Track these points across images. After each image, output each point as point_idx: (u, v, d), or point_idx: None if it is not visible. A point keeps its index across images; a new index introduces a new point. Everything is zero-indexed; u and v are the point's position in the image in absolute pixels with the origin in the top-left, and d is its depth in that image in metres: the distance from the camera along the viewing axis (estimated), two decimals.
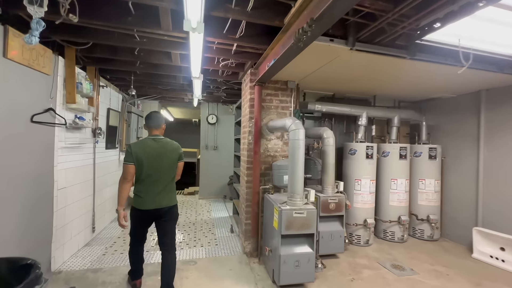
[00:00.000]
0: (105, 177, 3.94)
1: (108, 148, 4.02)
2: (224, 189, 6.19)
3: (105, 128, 3.84)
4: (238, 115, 4.68)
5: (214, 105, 6.15)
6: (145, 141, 2.13)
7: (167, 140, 2.21)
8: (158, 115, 2.28)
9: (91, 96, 3.11)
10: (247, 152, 3.09)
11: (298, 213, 2.29)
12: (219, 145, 6.17)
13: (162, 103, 5.96)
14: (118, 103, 4.39)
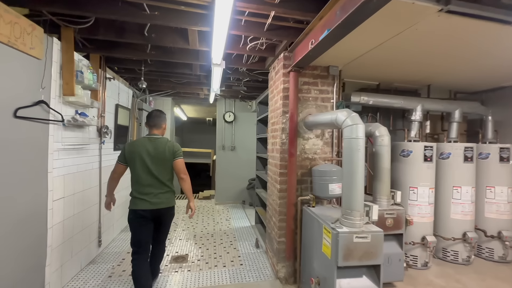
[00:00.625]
0: None
1: (117, 150, 3.56)
2: (242, 193, 5.65)
3: (113, 126, 3.38)
4: (261, 111, 4.12)
5: (231, 101, 5.63)
6: (140, 141, 2.12)
7: (162, 139, 2.15)
8: (160, 114, 2.24)
9: (94, 89, 2.64)
10: (280, 154, 2.52)
11: (360, 238, 1.70)
12: (237, 145, 5.64)
13: (175, 100, 5.50)
14: (127, 100, 3.93)
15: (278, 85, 2.65)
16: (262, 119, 4.09)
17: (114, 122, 3.43)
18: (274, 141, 2.78)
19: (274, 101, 2.83)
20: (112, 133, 3.37)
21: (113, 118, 3.41)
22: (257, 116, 4.20)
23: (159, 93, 4.74)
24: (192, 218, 3.19)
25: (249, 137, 5.68)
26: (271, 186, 2.86)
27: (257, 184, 4.19)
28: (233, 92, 4.81)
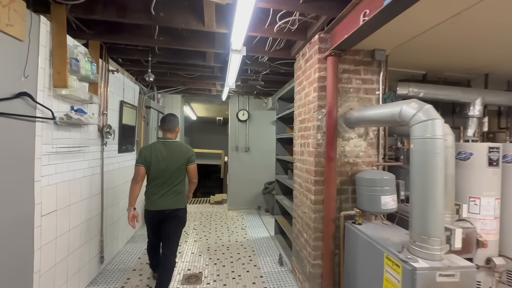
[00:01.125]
0: (119, 188, 3.11)
1: (122, 152, 3.18)
2: (258, 198, 5.21)
3: (117, 126, 3.00)
4: (281, 108, 3.68)
5: (245, 99, 5.20)
6: (154, 144, 2.17)
7: (176, 143, 2.20)
8: (173, 119, 2.26)
9: (93, 81, 2.26)
10: (314, 158, 2.06)
11: (445, 276, 1.23)
12: (252, 146, 5.21)
13: (185, 97, 5.12)
14: (134, 96, 3.56)
15: (310, 74, 2.20)
16: (282, 117, 3.64)
17: (118, 121, 3.05)
18: (304, 141, 2.33)
19: (304, 94, 2.37)
20: (116, 133, 2.99)
21: (117, 116, 3.03)
22: (277, 113, 3.75)
23: (168, 90, 4.35)
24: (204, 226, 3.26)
25: (265, 137, 5.24)
26: (300, 195, 2.41)
27: (277, 190, 3.75)
28: (248, 88, 4.38)
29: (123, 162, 3.27)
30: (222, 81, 3.81)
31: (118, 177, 3.10)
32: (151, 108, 3.93)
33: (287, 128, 3.73)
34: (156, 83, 4.06)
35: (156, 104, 4.16)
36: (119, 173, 3.13)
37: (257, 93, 4.80)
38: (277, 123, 3.76)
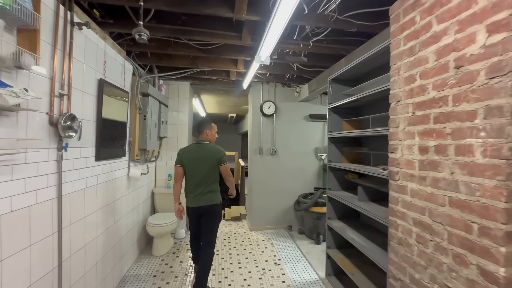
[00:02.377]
0: (101, 213, 2.01)
1: (104, 159, 2.08)
2: (288, 215, 4.07)
3: (92, 118, 1.90)
4: (336, 95, 2.53)
5: (271, 87, 4.06)
6: (190, 147, 2.39)
7: (208, 145, 2.34)
8: (202, 121, 2.42)
9: (26, 25, 1.15)
10: (506, 181, 0.91)
11: None
12: (279, 148, 4.06)
13: (194, 86, 4.01)
14: (122, 76, 2.46)
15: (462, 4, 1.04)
16: (338, 107, 2.50)
17: (95, 111, 1.95)
18: (438, 143, 1.16)
19: (433, 50, 1.21)
20: (92, 130, 1.89)
21: (94, 104, 1.93)
22: (329, 101, 2.59)
23: (172, 74, 3.24)
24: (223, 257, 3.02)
25: (296, 136, 4.10)
26: (426, 248, 1.23)
27: (329, 212, 2.59)
28: (280, 69, 3.23)
29: (108, 173, 2.17)
30: (249, 55, 2.67)
31: (98, 199, 2.00)
32: (149, 96, 2.82)
33: (344, 122, 2.57)
34: (156, 61, 2.95)
35: (156, 92, 3.06)
36: (100, 192, 2.03)
37: (289, 77, 3.65)
38: (329, 116, 2.61)
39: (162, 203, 3.48)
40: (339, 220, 2.57)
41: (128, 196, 2.66)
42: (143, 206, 3.17)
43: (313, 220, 3.52)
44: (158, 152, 3.58)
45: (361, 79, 2.50)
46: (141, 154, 2.87)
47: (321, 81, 3.18)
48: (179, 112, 3.76)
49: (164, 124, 3.39)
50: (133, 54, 2.76)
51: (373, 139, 2.46)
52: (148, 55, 2.85)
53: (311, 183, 4.12)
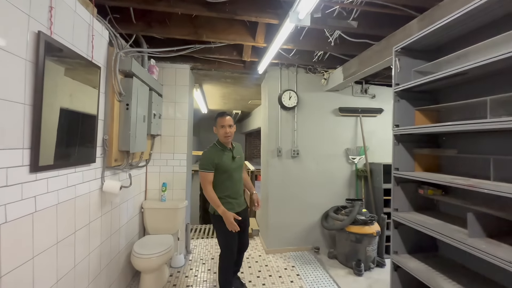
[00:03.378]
0: (46, 256, 1.17)
1: (50, 168, 1.26)
2: (312, 233, 3.25)
3: (23, 99, 1.07)
4: (405, 74, 1.72)
5: (291, 73, 3.25)
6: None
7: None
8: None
9: None
10: None
11: None
12: (302, 148, 3.25)
13: (196, 73, 3.18)
14: (89, 42, 1.63)
15: None
16: (410, 89, 1.69)
17: (31, 89, 1.13)
18: None
19: None
20: (26, 122, 1.07)
21: (27, 75, 1.11)
22: (395, 82, 1.77)
23: (167, 50, 2.42)
24: None
25: (323, 134, 3.29)
26: None
27: (396, 244, 1.76)
28: (312, 43, 2.41)
29: (62, 191, 1.35)
30: (276, 15, 1.86)
31: (41, 235, 1.17)
32: (134, 76, 2.00)
33: (417, 112, 1.75)
34: (144, 29, 2.12)
35: (145, 73, 2.24)
36: (44, 223, 1.20)
37: (318, 58, 2.84)
38: (395, 103, 1.78)
39: (154, 221, 2.66)
40: (410, 255, 1.76)
41: (102, 220, 1.84)
42: (127, 228, 2.34)
43: (351, 244, 2.71)
44: (149, 155, 2.76)
45: (442, 50, 1.70)
46: (122, 158, 2.05)
47: (367, 60, 2.37)
48: (177, 103, 2.94)
49: (156, 118, 2.57)
50: (111, 17, 1.94)
51: (463, 136, 1.66)
52: (133, 19, 2.03)
53: (341, 193, 3.31)
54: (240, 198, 2.05)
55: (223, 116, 1.98)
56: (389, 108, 3.44)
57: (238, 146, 2.13)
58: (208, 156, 1.94)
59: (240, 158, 2.07)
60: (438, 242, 1.80)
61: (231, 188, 1.99)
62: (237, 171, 2.02)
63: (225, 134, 1.94)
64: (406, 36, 1.90)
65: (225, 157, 1.95)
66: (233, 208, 1.98)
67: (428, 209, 1.81)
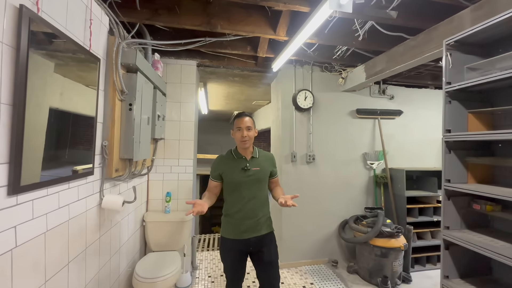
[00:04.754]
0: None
1: (35, 188, 0.96)
2: (329, 244, 3.01)
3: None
4: (457, 71, 1.48)
5: (306, 72, 3.00)
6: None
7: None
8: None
9: None
10: None
11: None
12: (317, 153, 3.00)
13: (202, 70, 2.89)
14: (87, 28, 1.33)
15: None
16: (464, 89, 1.45)
17: (10, 83, 0.83)
18: None
19: None
20: (5, 128, 0.78)
21: (3, 65, 0.81)
22: (446, 81, 1.52)
23: (174, 43, 2.14)
24: None
25: (340, 138, 3.06)
26: None
27: (446, 268, 1.51)
28: (339, 37, 2.17)
29: (52, 214, 1.05)
30: (308, 2, 1.60)
31: (24, 273, 0.87)
32: (138, 72, 1.71)
33: (470, 115, 1.52)
34: (149, 18, 1.83)
35: (150, 68, 1.94)
36: (29, 259, 0.90)
37: (339, 55, 2.60)
38: (446, 105, 1.54)
39: (158, 236, 2.36)
40: (463, 280, 1.52)
41: (100, 241, 1.54)
42: (128, 246, 2.04)
43: (376, 258, 2.47)
44: (151, 161, 2.46)
45: (499, 44, 1.48)
46: (124, 167, 1.75)
47: (398, 56, 2.13)
48: (182, 103, 2.65)
49: (160, 120, 2.27)
50: (112, 1, 1.64)
51: None
52: (137, 5, 1.73)
53: (359, 201, 3.08)
54: (252, 221, 1.61)
55: (240, 116, 1.64)
56: (408, 109, 3.25)
57: (265, 156, 1.73)
58: (214, 162, 1.69)
59: (259, 172, 1.64)
60: (493, 264, 1.57)
61: (237, 205, 1.61)
62: (248, 186, 1.61)
63: (241, 138, 1.59)
64: (453, 29, 1.68)
65: (232, 167, 1.63)
66: (237, 232, 1.60)
67: (480, 226, 1.58)
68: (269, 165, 1.70)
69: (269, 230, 1.69)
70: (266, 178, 1.68)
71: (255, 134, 1.66)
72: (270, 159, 1.74)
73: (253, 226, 1.61)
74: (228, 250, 1.63)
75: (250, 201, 1.61)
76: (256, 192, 1.63)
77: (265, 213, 1.67)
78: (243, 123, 1.60)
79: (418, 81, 3.19)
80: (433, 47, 1.78)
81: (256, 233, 1.61)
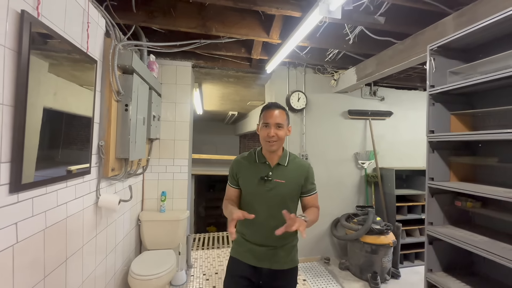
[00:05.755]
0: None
1: (33, 187, 0.99)
2: (322, 242, 3.08)
3: (1, 99, 0.81)
4: (440, 74, 1.56)
5: (299, 73, 3.07)
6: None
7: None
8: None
9: None
10: None
11: None
12: (310, 153, 3.07)
13: (197, 71, 2.93)
14: (84, 31, 1.37)
15: None
16: (446, 92, 1.53)
17: (12, 85, 0.87)
18: None
19: None
20: (7, 129, 0.81)
21: (5, 67, 0.85)
22: (429, 84, 1.60)
23: (170, 45, 2.18)
24: None
25: (333, 138, 3.13)
26: None
27: (430, 262, 1.59)
28: (330, 40, 2.24)
29: (49, 212, 1.08)
30: (300, 7, 1.66)
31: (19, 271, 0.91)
32: (134, 73, 1.75)
33: (452, 116, 1.61)
34: (145, 21, 1.87)
35: (145, 69, 1.98)
36: (25, 256, 0.94)
37: (331, 58, 2.67)
38: (430, 107, 1.63)
39: (153, 235, 2.39)
40: (446, 273, 1.61)
41: (96, 239, 1.57)
42: (123, 244, 2.07)
43: (366, 255, 2.55)
44: (147, 161, 2.49)
45: (481, 49, 1.57)
46: (120, 167, 1.78)
47: (387, 60, 2.22)
48: (177, 104, 2.68)
49: (155, 120, 2.31)
50: (108, 3, 1.68)
51: (504, 144, 1.52)
52: (133, 8, 1.77)
53: (350, 200, 3.16)
54: (269, 249, 1.21)
55: (270, 108, 1.21)
56: (398, 110, 3.34)
57: (297, 165, 1.28)
58: (233, 163, 1.31)
59: (284, 185, 1.21)
60: (474, 258, 1.66)
61: (250, 225, 1.22)
62: (266, 202, 1.21)
63: (267, 138, 1.17)
64: (437, 34, 1.76)
65: (251, 172, 1.24)
66: (247, 257, 1.23)
67: (462, 222, 1.66)
68: (301, 179, 1.26)
69: (293, 266, 1.27)
70: (293, 196, 1.25)
71: (287, 134, 1.25)
72: (305, 170, 1.28)
73: (270, 256, 1.21)
74: (234, 274, 1.24)
75: (267, 222, 1.20)
76: (277, 213, 1.13)
77: (289, 241, 1.26)
78: (272, 118, 1.18)
79: (408, 83, 3.29)
80: (419, 52, 1.86)
81: (272, 265, 1.21)
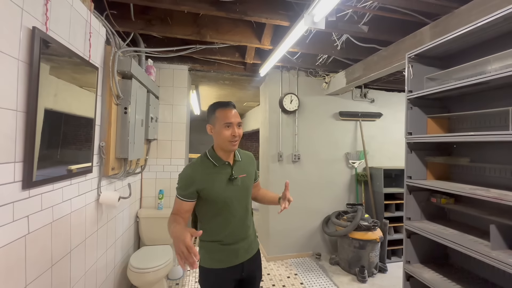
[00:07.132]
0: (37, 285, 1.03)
1: (43, 183, 1.11)
2: (313, 238, 3.21)
3: (15, 106, 0.93)
4: (418, 81, 1.69)
5: (292, 76, 3.19)
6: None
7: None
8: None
9: None
10: None
11: None
12: (303, 153, 3.20)
13: (193, 74, 3.05)
14: (86, 40, 1.48)
15: None
16: (423, 97, 1.66)
17: (25, 93, 0.98)
18: None
19: None
20: (21, 132, 0.92)
21: (19, 77, 0.96)
22: (408, 89, 1.74)
23: (166, 50, 2.29)
24: None
25: (324, 139, 3.25)
26: None
27: (408, 254, 1.73)
28: (318, 47, 2.36)
29: (56, 207, 1.20)
30: (288, 18, 1.78)
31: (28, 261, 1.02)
32: (133, 78, 1.86)
33: (429, 120, 1.74)
34: (143, 28, 1.98)
35: (143, 74, 2.09)
36: (34, 248, 1.05)
37: (321, 62, 2.79)
38: (408, 111, 1.75)
39: (151, 231, 2.50)
40: (423, 264, 1.73)
41: (97, 234, 1.68)
42: (123, 240, 2.18)
43: (354, 250, 2.68)
44: (145, 161, 2.60)
45: (454, 57, 1.69)
46: (119, 166, 1.90)
47: (373, 65, 2.34)
48: (174, 105, 2.80)
49: (153, 121, 2.42)
50: (108, 13, 1.79)
51: (475, 145, 1.65)
52: (132, 16, 1.88)
53: (341, 198, 3.29)
54: (245, 242, 1.23)
55: (227, 107, 1.18)
56: (388, 112, 3.47)
57: (247, 157, 1.32)
58: (185, 174, 1.16)
59: (246, 178, 1.24)
60: (449, 251, 1.79)
61: (225, 228, 1.18)
62: (239, 200, 1.20)
63: (231, 138, 1.15)
64: (416, 42, 1.89)
65: (215, 179, 1.16)
66: (229, 259, 1.19)
67: (439, 217, 1.79)
68: (253, 167, 1.34)
69: (258, 246, 1.33)
70: (252, 184, 1.31)
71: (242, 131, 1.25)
72: (253, 159, 1.36)
73: (246, 248, 1.23)
74: (217, 285, 1.19)
75: (241, 218, 1.21)
76: (247, 205, 1.24)
77: (253, 227, 1.32)
78: (234, 117, 1.16)
79: (397, 86, 3.41)
80: (401, 58, 1.99)
81: (248, 255, 1.24)
